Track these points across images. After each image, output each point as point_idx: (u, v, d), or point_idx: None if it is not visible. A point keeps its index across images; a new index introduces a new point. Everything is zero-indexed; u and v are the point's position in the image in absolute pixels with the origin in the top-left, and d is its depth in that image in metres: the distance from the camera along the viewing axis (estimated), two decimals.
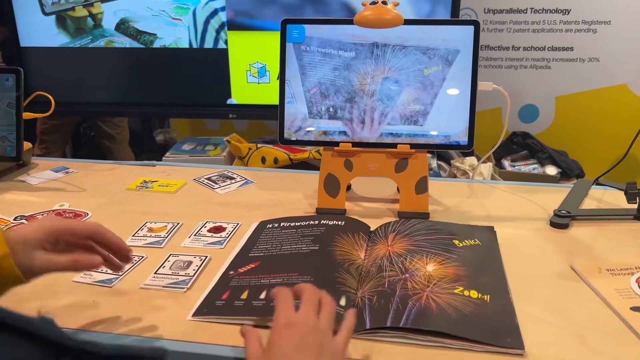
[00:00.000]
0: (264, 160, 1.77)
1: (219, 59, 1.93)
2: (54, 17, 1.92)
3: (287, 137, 1.00)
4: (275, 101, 0.99)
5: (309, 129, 0.99)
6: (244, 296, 0.70)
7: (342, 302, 0.67)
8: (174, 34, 1.92)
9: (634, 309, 0.67)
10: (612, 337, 0.63)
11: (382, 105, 0.96)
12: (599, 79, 2.49)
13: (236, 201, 1.05)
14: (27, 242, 0.58)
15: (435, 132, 0.96)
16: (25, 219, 0.96)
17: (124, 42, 1.94)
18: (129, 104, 2.06)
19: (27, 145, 1.21)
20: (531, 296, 0.71)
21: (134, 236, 0.89)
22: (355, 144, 0.97)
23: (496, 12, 2.51)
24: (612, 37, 2.42)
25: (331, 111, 0.98)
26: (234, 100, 1.98)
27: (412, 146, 0.95)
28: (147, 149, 2.69)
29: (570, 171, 2.33)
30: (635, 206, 0.94)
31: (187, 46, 1.93)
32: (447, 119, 0.96)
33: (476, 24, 0.93)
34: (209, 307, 0.68)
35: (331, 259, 0.77)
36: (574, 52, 2.49)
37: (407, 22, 0.93)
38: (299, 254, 0.79)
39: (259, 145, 1.81)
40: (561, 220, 0.92)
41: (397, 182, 0.97)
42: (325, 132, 0.98)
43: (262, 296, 0.69)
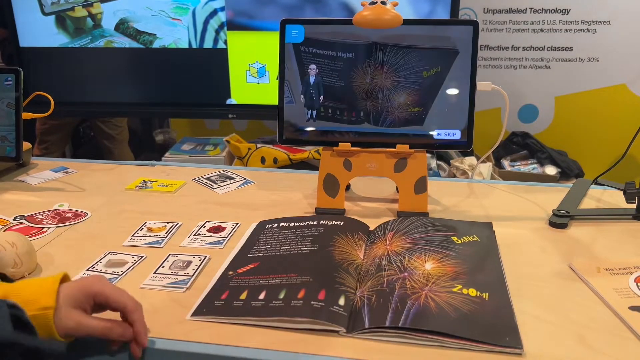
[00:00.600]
0: (263, 160, 1.77)
1: (219, 59, 1.93)
2: (53, 17, 1.92)
3: (286, 137, 1.00)
4: (274, 101, 0.99)
5: (308, 129, 0.99)
6: (243, 296, 0.70)
7: (341, 301, 0.67)
8: (174, 34, 1.92)
9: (633, 308, 0.67)
10: (610, 337, 0.63)
11: (381, 105, 0.96)
12: (598, 79, 2.50)
13: (235, 201, 1.05)
14: (68, 300, 0.58)
15: (434, 132, 0.96)
16: (24, 219, 0.96)
17: (123, 42, 1.94)
18: (128, 104, 2.07)
19: (26, 145, 1.21)
20: (530, 296, 0.71)
21: (133, 236, 0.89)
22: (354, 144, 0.97)
23: (495, 12, 2.51)
24: (612, 37, 2.43)
25: (330, 111, 0.98)
26: (234, 100, 1.98)
27: (411, 146, 0.95)
28: (147, 149, 2.69)
29: (569, 171, 2.33)
30: (634, 206, 0.94)
31: (186, 46, 1.93)
32: (446, 119, 0.96)
33: (475, 24, 0.93)
34: (208, 307, 0.68)
35: (330, 259, 0.77)
36: (574, 52, 2.49)
37: (406, 22, 0.93)
38: (298, 254, 0.79)
39: (259, 145, 1.81)
40: (560, 220, 0.92)
41: (396, 182, 0.98)
42: (324, 132, 0.98)
43: (262, 297, 0.69)
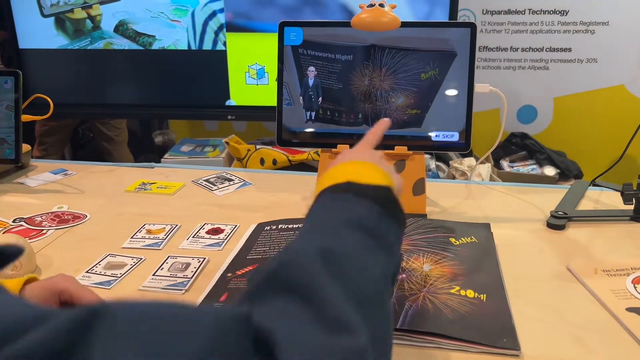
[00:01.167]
0: (262, 161, 1.78)
1: (218, 61, 1.93)
2: (52, 19, 1.93)
3: (285, 139, 1.00)
4: (274, 102, 0.99)
5: (307, 130, 0.99)
6: None
7: None
8: (173, 36, 1.92)
9: (630, 309, 0.67)
10: (607, 338, 0.63)
11: (380, 107, 0.96)
12: (597, 79, 2.50)
13: (234, 203, 1.05)
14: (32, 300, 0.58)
15: (432, 134, 0.97)
16: (24, 221, 0.96)
17: (122, 43, 1.94)
18: (128, 105, 2.07)
19: (25, 147, 1.21)
20: (527, 297, 0.71)
21: (132, 238, 0.90)
22: (352, 146, 0.97)
23: (494, 13, 2.52)
24: (610, 38, 2.43)
25: (329, 113, 0.98)
26: (233, 101, 1.98)
27: (410, 148, 0.96)
28: (146, 150, 2.69)
29: (568, 172, 2.33)
30: (631, 207, 0.94)
31: (185, 48, 1.93)
32: (444, 121, 0.96)
33: (473, 27, 0.93)
34: None
35: None
36: (572, 53, 2.49)
37: (404, 24, 0.93)
38: None
39: (258, 146, 1.81)
40: (558, 221, 0.92)
41: None
42: (323, 134, 0.99)
43: None
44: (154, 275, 0.78)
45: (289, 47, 0.98)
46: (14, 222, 0.96)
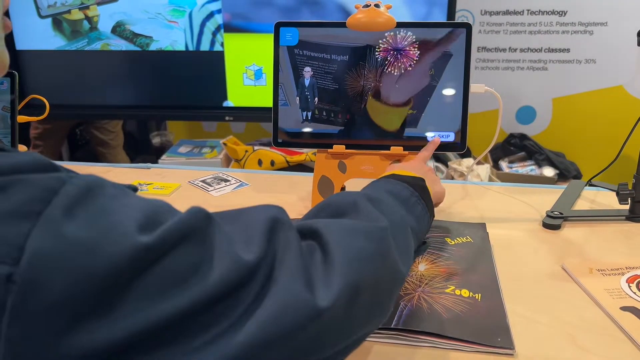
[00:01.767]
0: (260, 162, 1.78)
1: (215, 62, 1.94)
2: (50, 20, 1.93)
3: (281, 140, 1.00)
4: (271, 103, 0.99)
5: (303, 131, 0.99)
6: None
7: None
8: (170, 37, 1.93)
9: (624, 308, 0.67)
10: (602, 337, 0.63)
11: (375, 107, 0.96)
12: (595, 80, 2.50)
13: (230, 203, 1.05)
14: None
15: (428, 134, 0.97)
16: None
17: (120, 44, 1.94)
18: (125, 106, 2.07)
19: (22, 148, 1.21)
20: (522, 296, 0.71)
21: None
22: (348, 146, 0.97)
23: (493, 13, 2.52)
24: (608, 38, 2.44)
25: (325, 114, 0.98)
26: (231, 102, 1.99)
27: (406, 148, 0.96)
28: (144, 151, 2.70)
29: (567, 172, 2.34)
30: (626, 207, 0.94)
31: (183, 49, 1.93)
32: (440, 121, 0.96)
33: (468, 27, 0.93)
34: None
35: None
36: (571, 53, 2.50)
37: (400, 24, 0.93)
38: None
39: (256, 147, 1.81)
40: (553, 221, 0.92)
41: None
42: (319, 135, 0.99)
43: None
44: None
45: (284, 48, 0.98)
46: None
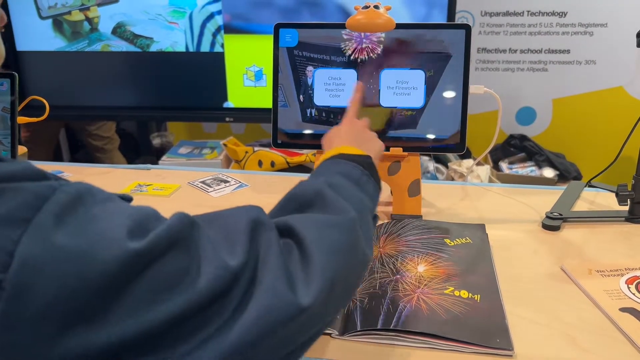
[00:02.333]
0: (260, 163, 1.78)
1: (216, 63, 1.94)
2: (50, 21, 1.93)
3: (281, 141, 1.00)
4: (271, 104, 0.99)
5: (303, 132, 0.99)
6: None
7: None
8: (171, 38, 1.93)
9: (623, 309, 0.67)
10: (601, 338, 0.63)
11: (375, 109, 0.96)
12: (595, 81, 2.50)
13: (230, 204, 1.04)
14: None
15: (427, 135, 0.97)
16: None
17: (120, 45, 1.95)
18: (125, 107, 2.07)
19: (22, 149, 1.21)
20: (521, 297, 0.71)
21: None
22: None
23: (493, 14, 2.52)
24: (609, 39, 2.43)
25: (324, 115, 0.98)
26: (231, 103, 1.99)
27: (405, 149, 0.96)
28: (144, 152, 2.70)
29: (567, 173, 2.33)
30: (626, 208, 0.94)
31: (183, 50, 1.93)
32: (439, 122, 0.96)
33: (467, 28, 0.93)
34: None
35: None
36: (571, 54, 2.50)
37: (399, 26, 0.93)
38: None
39: (256, 148, 1.81)
40: (553, 222, 0.92)
41: (390, 185, 0.98)
42: (318, 136, 0.99)
43: None
44: None
45: (284, 49, 0.98)
46: None
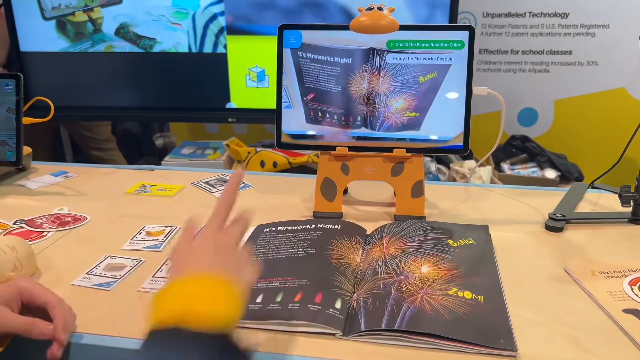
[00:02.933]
0: (263, 164, 1.78)
1: (218, 63, 1.94)
2: (54, 22, 1.94)
3: (284, 142, 1.01)
4: (274, 105, 1.00)
5: (306, 133, 1.00)
6: None
7: (338, 305, 0.67)
8: (174, 39, 1.93)
9: (626, 311, 0.67)
10: (604, 339, 0.63)
11: (378, 110, 0.97)
12: (597, 82, 2.51)
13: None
14: None
15: (431, 136, 0.97)
16: (24, 223, 0.96)
17: (123, 46, 1.95)
18: (128, 108, 2.08)
19: (26, 149, 1.22)
20: (525, 298, 0.72)
21: (132, 240, 0.90)
22: (351, 149, 0.97)
23: (495, 16, 2.52)
24: (611, 40, 2.44)
25: (328, 116, 0.98)
26: (233, 104, 1.99)
27: (408, 150, 0.96)
28: (147, 152, 2.70)
29: (569, 174, 2.33)
30: (629, 209, 0.94)
31: (186, 50, 1.94)
32: (442, 123, 0.96)
33: (471, 29, 0.93)
34: None
35: (327, 262, 0.78)
36: (573, 55, 2.50)
37: (403, 27, 0.94)
38: (296, 257, 0.80)
39: (258, 149, 1.82)
40: (556, 223, 0.92)
41: (393, 186, 0.98)
42: (322, 137, 0.99)
43: (259, 300, 0.69)
44: (153, 276, 0.78)
45: (288, 50, 0.98)
46: (14, 224, 0.97)
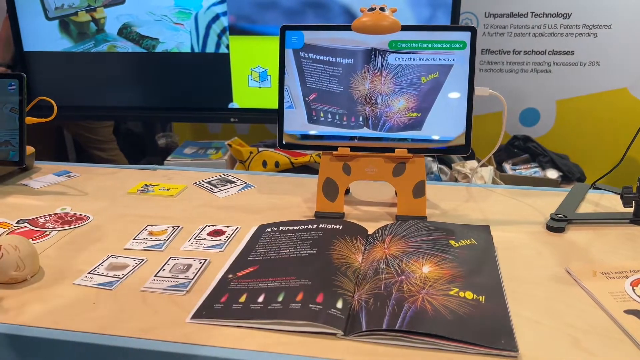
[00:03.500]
0: (265, 164, 1.79)
1: (221, 63, 1.95)
2: (57, 22, 1.94)
3: (286, 142, 1.01)
4: (276, 105, 1.00)
5: (308, 133, 1.00)
6: (242, 299, 0.70)
7: (339, 304, 0.68)
8: (176, 39, 1.94)
9: (628, 311, 0.67)
10: (605, 340, 0.64)
11: (380, 110, 0.97)
12: (599, 82, 2.50)
13: (236, 205, 1.06)
14: None
15: (433, 137, 0.97)
16: (27, 223, 0.97)
17: (126, 46, 1.96)
18: (131, 108, 2.08)
19: (29, 149, 1.22)
20: (526, 299, 0.72)
21: (134, 239, 0.90)
22: (353, 149, 0.97)
23: (497, 16, 2.52)
24: (613, 41, 2.44)
25: (330, 116, 0.99)
26: (236, 104, 1.99)
27: (410, 150, 0.96)
28: (149, 152, 2.71)
29: (571, 175, 2.33)
30: (631, 210, 0.94)
31: (189, 50, 1.94)
32: (444, 124, 0.97)
33: (473, 30, 0.94)
34: (208, 310, 0.69)
35: (329, 262, 0.78)
36: (575, 56, 2.50)
37: (405, 28, 0.94)
38: (297, 257, 0.80)
39: (260, 149, 1.82)
40: (557, 224, 0.92)
41: (395, 186, 0.98)
42: (323, 137, 0.99)
43: (260, 299, 0.70)
44: (155, 276, 0.78)
45: (290, 50, 0.98)
46: (17, 223, 0.97)
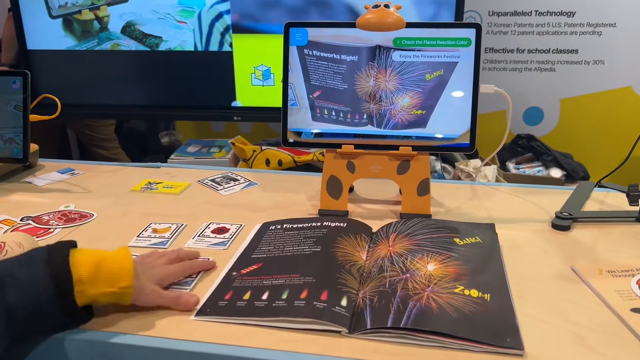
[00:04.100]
0: (268, 162, 1.78)
1: (224, 62, 1.94)
2: (60, 20, 1.94)
3: (290, 139, 1.01)
4: (279, 103, 1.00)
5: (312, 131, 1.00)
6: (247, 297, 0.70)
7: (343, 302, 0.67)
8: (180, 37, 1.93)
9: (635, 310, 0.67)
10: (612, 338, 0.63)
11: (385, 108, 0.97)
12: (604, 81, 2.49)
13: (239, 202, 1.06)
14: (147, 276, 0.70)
15: (437, 135, 0.97)
16: (31, 220, 0.97)
17: (129, 45, 1.96)
18: (134, 106, 2.08)
19: (33, 147, 1.22)
20: (532, 297, 0.71)
21: (138, 237, 0.90)
22: (357, 146, 0.97)
23: (501, 14, 2.51)
24: (617, 39, 2.42)
25: (334, 114, 0.98)
26: (239, 102, 1.99)
27: (414, 148, 0.96)
28: (153, 151, 2.71)
29: (575, 174, 2.32)
30: (636, 208, 0.94)
31: (192, 49, 1.94)
32: (449, 122, 0.96)
33: (478, 27, 0.93)
34: (212, 308, 0.69)
35: (333, 260, 0.77)
36: (579, 54, 2.49)
37: (409, 25, 0.93)
38: (301, 255, 0.80)
39: (264, 147, 1.82)
40: (563, 222, 0.92)
41: (399, 184, 0.98)
42: (328, 134, 0.99)
43: (265, 297, 0.69)
44: None
45: (294, 48, 0.98)
46: (21, 220, 0.97)
